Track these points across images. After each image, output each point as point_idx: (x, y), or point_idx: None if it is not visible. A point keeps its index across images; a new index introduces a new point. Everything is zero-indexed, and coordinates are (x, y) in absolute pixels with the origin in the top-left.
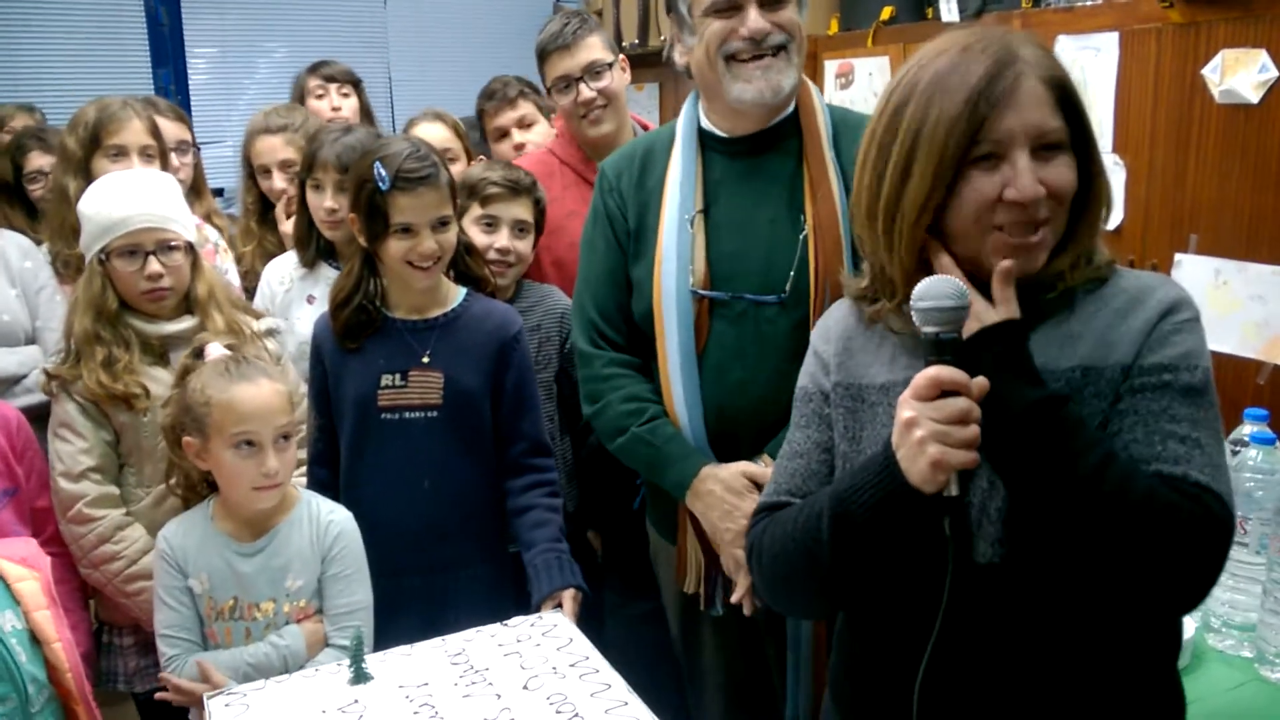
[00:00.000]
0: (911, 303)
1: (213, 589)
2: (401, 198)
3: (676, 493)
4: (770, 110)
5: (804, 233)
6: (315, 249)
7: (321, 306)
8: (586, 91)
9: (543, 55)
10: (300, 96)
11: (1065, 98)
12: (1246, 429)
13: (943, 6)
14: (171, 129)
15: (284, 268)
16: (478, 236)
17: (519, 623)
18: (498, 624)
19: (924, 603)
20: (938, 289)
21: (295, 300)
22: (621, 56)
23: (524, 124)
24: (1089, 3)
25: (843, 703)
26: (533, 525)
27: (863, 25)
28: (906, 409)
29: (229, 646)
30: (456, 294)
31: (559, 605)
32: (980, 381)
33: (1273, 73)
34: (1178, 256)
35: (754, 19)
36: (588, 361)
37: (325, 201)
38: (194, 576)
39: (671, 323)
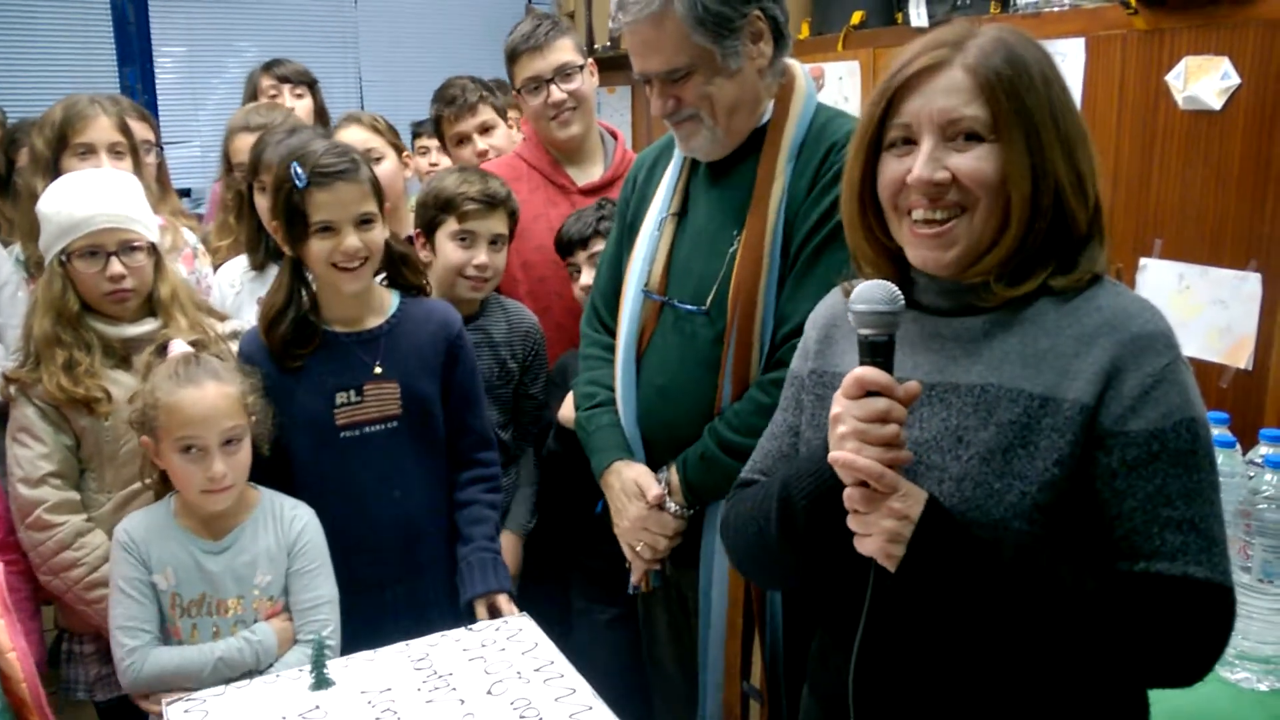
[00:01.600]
0: (849, 304)
1: (179, 585)
2: (319, 194)
3: (596, 478)
4: None
5: (734, 248)
6: (264, 251)
7: None
8: (557, 93)
9: (513, 56)
10: (253, 94)
11: (996, 89)
12: None
13: (912, 11)
14: (135, 128)
15: (234, 271)
16: (454, 253)
17: (483, 627)
18: (462, 628)
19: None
20: (872, 293)
21: (245, 303)
22: (590, 61)
23: (485, 129)
24: (1056, 9)
25: (818, 692)
26: (470, 521)
27: (833, 29)
28: (836, 404)
29: (195, 643)
30: (391, 299)
31: (490, 608)
32: (910, 387)
33: (1234, 80)
34: (1142, 260)
35: (654, 103)
36: (582, 338)
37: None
38: (158, 572)
39: (625, 319)
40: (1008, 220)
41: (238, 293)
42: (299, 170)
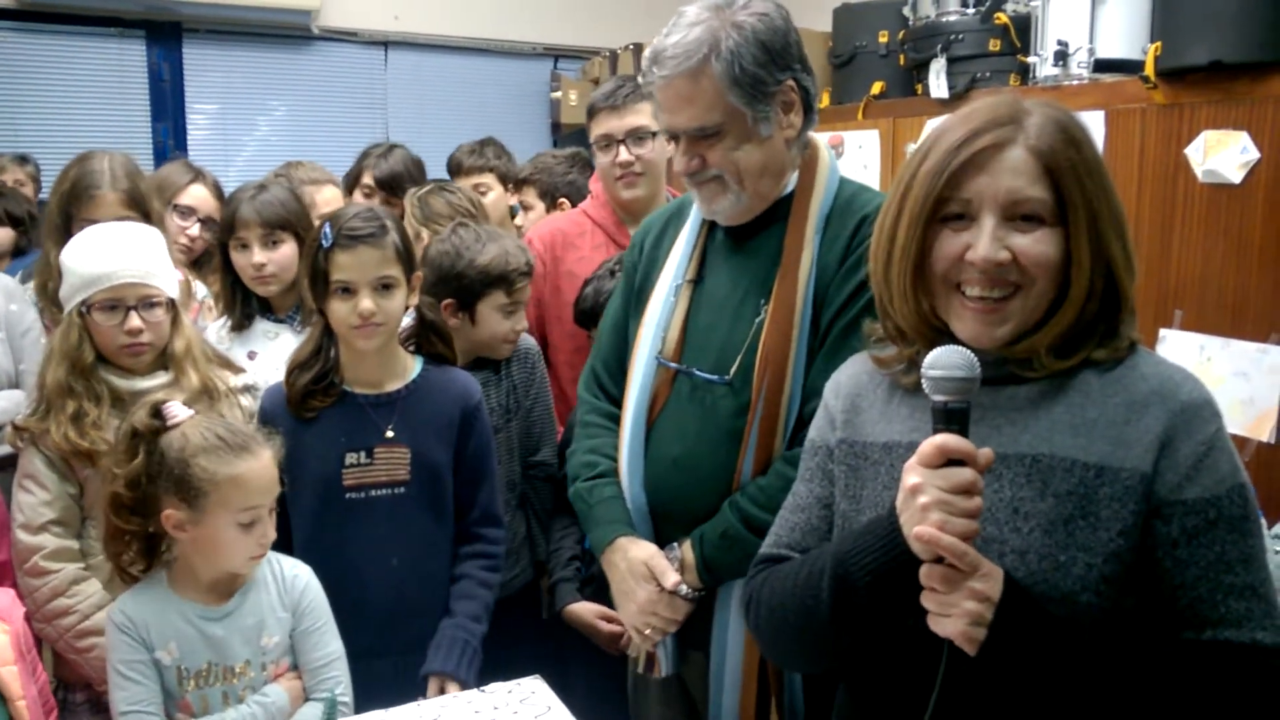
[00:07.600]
0: (923, 371)
1: (183, 658)
2: (341, 255)
3: (596, 554)
4: None
5: (761, 317)
6: (241, 311)
7: (264, 361)
8: (625, 154)
9: (592, 112)
10: (355, 178)
11: (1064, 174)
12: None
13: (932, 83)
14: (199, 204)
15: (218, 330)
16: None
17: (496, 689)
18: (474, 690)
19: (925, 671)
20: (948, 359)
21: (236, 359)
22: None
23: (480, 190)
24: (1075, 82)
25: None
26: (459, 595)
27: (854, 99)
28: (912, 475)
29: (207, 713)
30: (414, 365)
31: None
32: (986, 453)
33: (1254, 154)
34: (1162, 332)
35: (679, 161)
36: (580, 405)
37: (253, 258)
38: (161, 649)
39: (634, 386)
40: (1061, 299)
41: (227, 349)
42: (328, 230)
